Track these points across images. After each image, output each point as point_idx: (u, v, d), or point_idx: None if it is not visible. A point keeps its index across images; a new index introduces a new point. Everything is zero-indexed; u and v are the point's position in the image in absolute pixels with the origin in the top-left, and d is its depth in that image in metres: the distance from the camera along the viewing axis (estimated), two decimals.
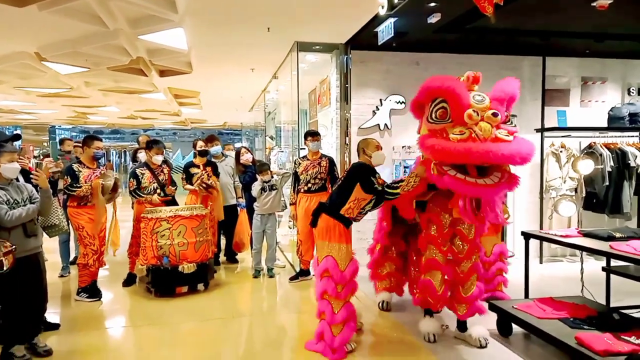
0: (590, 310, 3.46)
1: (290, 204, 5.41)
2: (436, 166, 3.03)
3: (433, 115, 3.14)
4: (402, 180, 3.33)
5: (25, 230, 3.24)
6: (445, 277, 3.45)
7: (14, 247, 3.00)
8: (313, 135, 5.22)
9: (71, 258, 5.77)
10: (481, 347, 3.45)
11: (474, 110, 2.97)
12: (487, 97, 3.11)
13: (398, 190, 3.28)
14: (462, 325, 3.61)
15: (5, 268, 2.89)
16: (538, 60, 6.31)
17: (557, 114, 6.28)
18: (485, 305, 3.62)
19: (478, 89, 3.26)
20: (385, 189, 3.32)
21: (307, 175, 5.14)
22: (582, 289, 4.16)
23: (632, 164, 5.74)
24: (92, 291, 4.69)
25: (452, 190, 3.05)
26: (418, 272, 3.87)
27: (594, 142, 5.93)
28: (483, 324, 3.61)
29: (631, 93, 6.60)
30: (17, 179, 3.41)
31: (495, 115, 2.96)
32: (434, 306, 3.54)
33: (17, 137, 4.11)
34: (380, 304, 4.35)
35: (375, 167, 3.49)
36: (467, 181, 2.89)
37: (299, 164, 5.25)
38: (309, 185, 5.13)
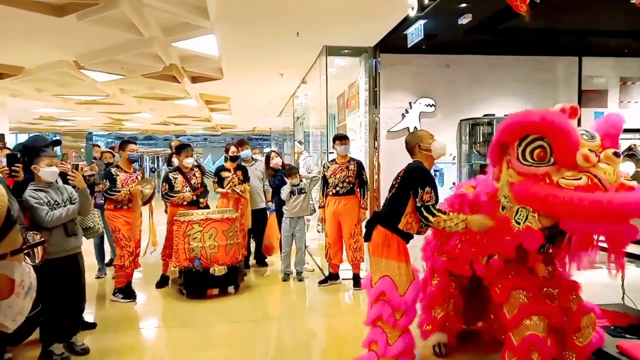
0: (632, 319, 3.32)
1: (319, 207, 5.42)
2: (540, 216, 2.47)
3: (527, 157, 2.49)
4: (445, 212, 2.84)
5: (66, 230, 3.37)
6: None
7: (44, 239, 3.04)
8: (341, 139, 5.22)
9: (106, 260, 5.95)
10: None
11: (590, 150, 2.36)
12: (596, 134, 2.53)
13: (432, 220, 2.81)
14: None
15: (37, 260, 2.94)
16: (574, 60, 6.12)
17: (594, 116, 6.08)
18: None
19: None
20: (423, 209, 2.82)
21: (335, 178, 5.14)
22: (623, 296, 3.99)
23: None
24: (127, 292, 4.81)
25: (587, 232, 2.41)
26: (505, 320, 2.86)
27: (634, 145, 5.70)
28: None
29: None
30: (57, 181, 3.54)
31: (617, 155, 2.39)
32: None
33: (57, 142, 4.26)
34: (437, 348, 3.37)
35: (436, 161, 3.12)
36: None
37: (328, 167, 5.26)
38: (337, 188, 5.13)
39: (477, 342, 3.58)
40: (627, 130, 5.71)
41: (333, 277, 5.37)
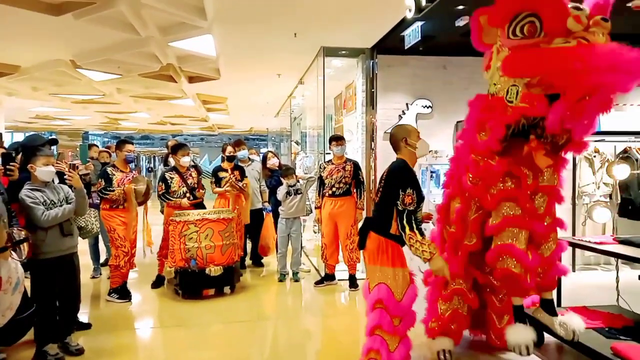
0: (626, 320, 3.33)
1: (316, 208, 5.42)
2: (529, 86, 2.33)
3: (517, 32, 2.38)
4: (422, 233, 2.70)
5: (62, 229, 3.35)
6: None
7: (28, 235, 2.99)
8: (337, 139, 5.22)
9: (102, 260, 5.92)
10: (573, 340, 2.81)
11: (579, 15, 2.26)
12: (585, 6, 2.37)
13: (406, 232, 2.69)
14: (548, 306, 2.85)
15: (24, 257, 2.91)
16: None
17: None
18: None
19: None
20: (405, 216, 2.71)
21: (331, 179, 5.14)
22: (618, 298, 4.01)
23: None
24: (122, 292, 4.79)
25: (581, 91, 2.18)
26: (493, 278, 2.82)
27: (630, 147, 5.73)
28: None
29: None
30: (53, 181, 3.52)
31: (605, 20, 2.26)
32: (523, 288, 2.60)
33: (54, 141, 4.24)
34: (441, 355, 3.04)
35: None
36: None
37: (324, 168, 5.26)
38: (334, 189, 5.13)
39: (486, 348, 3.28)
40: (622, 133, 5.75)
41: (329, 277, 5.37)
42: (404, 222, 2.71)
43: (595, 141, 5.94)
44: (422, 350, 3.09)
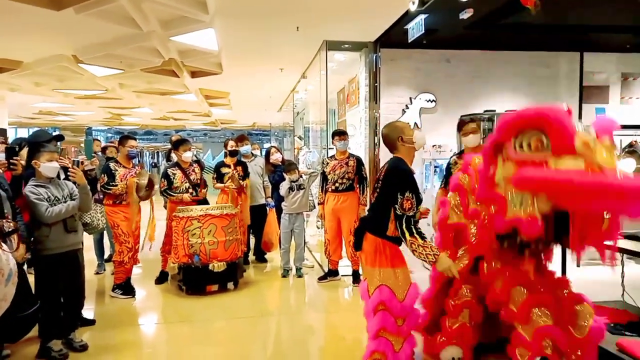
0: (631, 316, 3.31)
1: (319, 204, 5.41)
2: (538, 201, 2.36)
3: (523, 144, 2.43)
4: (422, 236, 2.68)
5: (66, 226, 3.35)
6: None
7: (17, 226, 2.97)
8: (340, 134, 5.19)
9: (106, 255, 5.93)
10: None
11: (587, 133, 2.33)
12: (592, 129, 2.45)
13: (407, 238, 2.66)
14: None
15: (14, 248, 2.90)
16: (575, 55, 6.09)
17: (595, 112, 6.05)
18: None
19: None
20: (404, 221, 2.67)
21: (334, 174, 5.12)
22: (623, 293, 3.98)
23: None
24: (126, 288, 4.80)
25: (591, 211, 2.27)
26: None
27: (635, 141, 5.67)
28: None
29: None
30: (59, 177, 3.52)
31: (612, 143, 2.33)
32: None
33: (60, 137, 4.22)
34: None
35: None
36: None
37: (327, 163, 5.24)
38: (337, 184, 5.11)
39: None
40: (628, 127, 5.69)
41: (332, 273, 5.36)
42: (404, 227, 2.67)
43: None
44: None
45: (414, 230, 2.67)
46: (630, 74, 6.27)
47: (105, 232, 5.58)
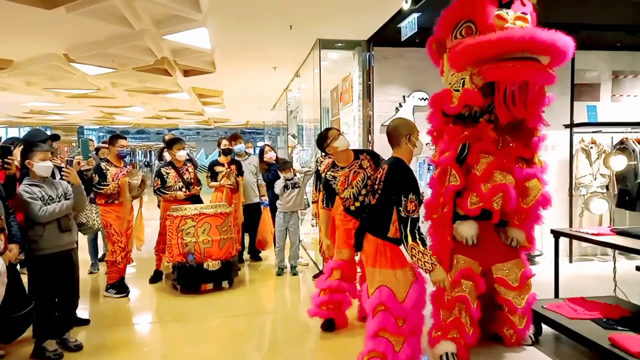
0: (624, 311, 3.35)
1: (313, 202, 5.40)
2: (472, 77, 2.88)
3: (457, 35, 3.01)
4: (424, 242, 2.70)
5: (60, 225, 3.33)
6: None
7: (3, 226, 2.94)
8: None
9: (99, 255, 5.90)
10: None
11: (505, 12, 2.90)
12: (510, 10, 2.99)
13: (409, 242, 2.67)
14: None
15: (1, 248, 2.87)
16: None
17: (587, 109, 6.10)
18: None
19: None
20: (409, 224, 2.66)
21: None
22: (615, 288, 4.03)
23: None
24: (120, 287, 4.78)
25: (499, 79, 2.82)
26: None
27: (626, 138, 5.73)
28: None
29: None
30: (54, 176, 3.49)
31: (525, 13, 2.89)
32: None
33: (55, 137, 4.19)
34: (445, 358, 3.02)
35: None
36: (510, 63, 2.70)
37: (321, 162, 5.24)
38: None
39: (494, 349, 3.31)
40: (619, 124, 5.76)
41: None
42: (407, 230, 2.67)
43: (592, 132, 5.95)
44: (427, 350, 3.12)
45: (417, 235, 2.68)
46: (621, 72, 6.32)
47: (99, 232, 5.54)
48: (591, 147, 5.91)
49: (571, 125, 5.90)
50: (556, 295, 3.90)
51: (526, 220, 3.17)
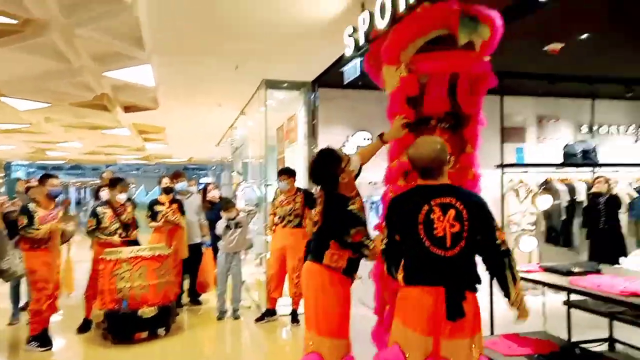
0: (553, 346, 3.50)
1: (270, 228, 5.32)
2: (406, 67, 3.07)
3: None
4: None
5: None
6: None
7: None
8: (282, 173, 5.17)
9: (21, 303, 5.42)
10: None
11: None
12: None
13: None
14: None
15: None
16: (496, 98, 6.58)
17: (515, 151, 6.53)
18: None
19: None
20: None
21: (282, 210, 5.08)
22: (544, 323, 4.22)
23: (578, 198, 6.01)
24: (43, 339, 4.38)
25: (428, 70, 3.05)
26: None
27: (550, 178, 6.17)
28: None
29: (581, 131, 6.96)
30: None
31: None
32: None
33: None
34: None
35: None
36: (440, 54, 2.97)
37: (278, 195, 5.22)
38: (285, 221, 5.06)
39: None
40: (544, 165, 6.20)
41: (270, 313, 5.23)
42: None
43: (521, 172, 6.35)
44: None
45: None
46: (545, 116, 6.87)
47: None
48: (519, 187, 6.29)
49: (502, 166, 6.27)
50: (491, 331, 4.02)
51: None
